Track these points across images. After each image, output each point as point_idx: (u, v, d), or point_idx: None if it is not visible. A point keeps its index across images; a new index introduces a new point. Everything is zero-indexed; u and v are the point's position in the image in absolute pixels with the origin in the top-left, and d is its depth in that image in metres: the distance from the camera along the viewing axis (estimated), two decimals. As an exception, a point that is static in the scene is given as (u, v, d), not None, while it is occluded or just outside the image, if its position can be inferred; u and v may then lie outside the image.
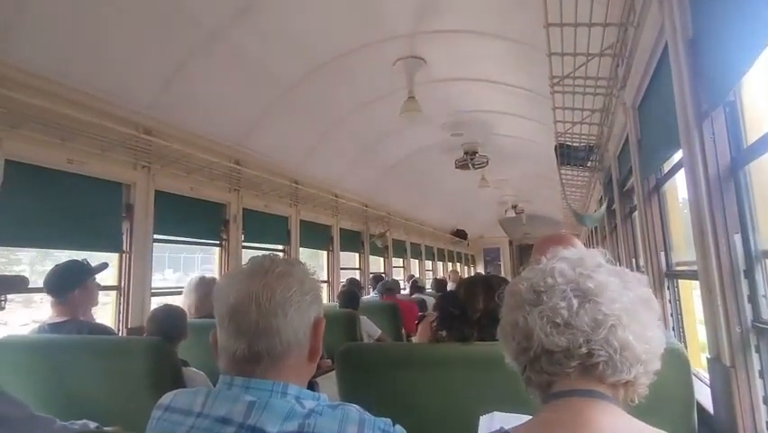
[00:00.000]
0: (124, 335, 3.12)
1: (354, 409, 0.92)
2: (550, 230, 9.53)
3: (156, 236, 3.52)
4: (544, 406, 0.83)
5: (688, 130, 1.59)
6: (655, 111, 2.31)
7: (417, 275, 8.64)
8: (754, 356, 1.35)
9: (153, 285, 3.46)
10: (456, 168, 7.32)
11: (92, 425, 1.79)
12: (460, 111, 5.63)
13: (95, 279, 2.41)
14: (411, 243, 9.35)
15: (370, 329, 4.01)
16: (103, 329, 2.35)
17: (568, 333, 0.79)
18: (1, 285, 1.52)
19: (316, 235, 5.80)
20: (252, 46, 3.51)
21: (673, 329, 2.57)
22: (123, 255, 3.28)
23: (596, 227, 6.66)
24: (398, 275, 8.50)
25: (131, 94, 3.25)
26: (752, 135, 1.40)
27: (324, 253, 6.10)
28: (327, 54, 3.94)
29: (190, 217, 3.92)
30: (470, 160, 7.10)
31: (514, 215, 12.68)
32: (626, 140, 3.08)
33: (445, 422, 1.62)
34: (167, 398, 0.99)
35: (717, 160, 1.48)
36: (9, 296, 1.87)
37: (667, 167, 2.48)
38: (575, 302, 0.80)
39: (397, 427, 0.96)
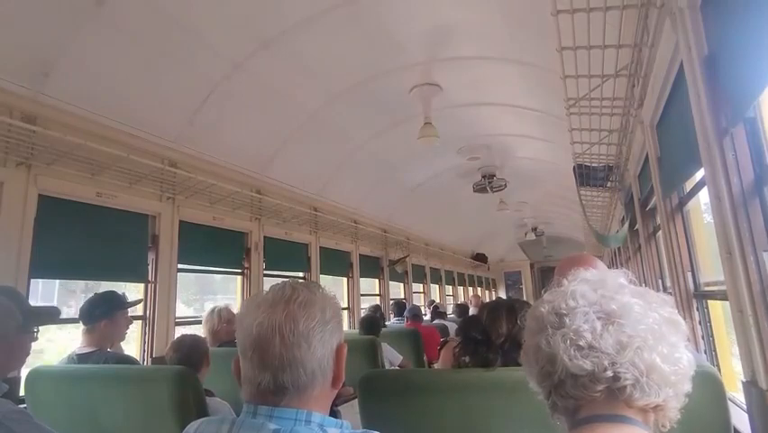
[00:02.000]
0: (149, 364, 3.16)
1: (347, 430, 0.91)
2: (571, 252, 9.37)
3: (180, 266, 3.58)
4: (570, 431, 0.81)
5: (708, 147, 1.58)
6: (674, 129, 2.29)
7: (438, 300, 8.55)
8: (792, 379, 1.30)
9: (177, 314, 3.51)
10: (474, 191, 7.32)
11: (118, 454, 1.80)
12: (476, 135, 5.67)
13: (126, 312, 2.46)
14: (431, 267, 9.29)
15: (391, 356, 3.97)
16: (127, 359, 2.39)
17: (592, 356, 0.78)
18: (34, 316, 1.57)
19: (336, 262, 5.82)
20: (273, 75, 3.63)
21: (705, 352, 2.48)
22: (149, 285, 3.34)
23: (619, 248, 6.53)
24: (418, 300, 8.42)
25: (157, 128, 3.38)
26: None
27: (345, 279, 6.10)
28: (345, 82, 4.05)
29: (213, 246, 3.99)
30: (487, 183, 7.10)
31: (534, 237, 12.52)
32: (646, 159, 3.05)
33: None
34: (192, 427, 0.99)
35: (741, 176, 1.46)
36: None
37: (689, 185, 2.44)
38: (599, 325, 0.79)
39: None
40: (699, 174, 2.09)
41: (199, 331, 3.10)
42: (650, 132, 2.76)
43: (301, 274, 5.07)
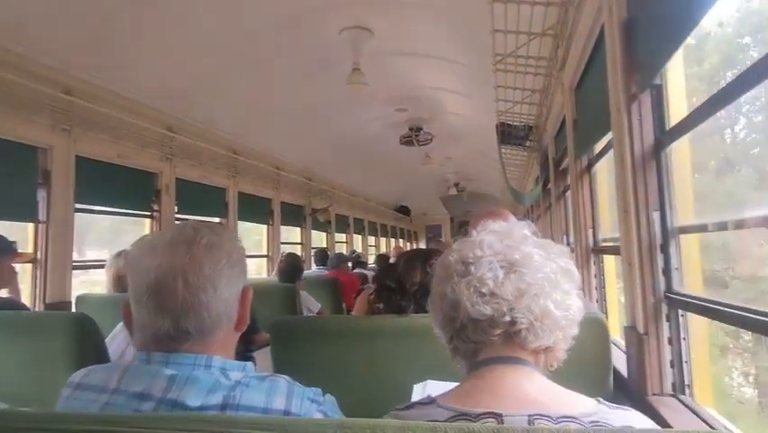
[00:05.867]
0: (41, 310, 2.90)
1: (283, 380, 0.90)
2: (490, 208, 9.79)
3: (78, 206, 3.25)
4: (469, 374, 0.85)
5: (618, 112, 1.65)
6: (591, 93, 2.39)
7: (360, 250, 8.67)
8: (665, 324, 1.46)
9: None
10: (401, 144, 7.33)
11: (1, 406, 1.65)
12: (406, 86, 5.60)
13: (10, 257, 2.21)
14: (354, 218, 9.33)
15: (310, 304, 3.98)
16: (11, 304, 2.16)
17: (493, 302, 0.80)
18: None
19: (256, 208, 5.63)
20: (187, 8, 3.26)
21: (597, 301, 2.74)
22: (40, 225, 3.01)
23: (532, 206, 6.95)
24: (341, 250, 8.48)
25: (50, 49, 2.94)
26: (674, 119, 1.48)
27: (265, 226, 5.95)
28: (269, 18, 3.75)
29: (118, 186, 3.66)
30: (414, 136, 7.12)
31: (456, 192, 12.95)
32: (563, 121, 3.19)
33: (380, 392, 1.64)
34: (77, 375, 0.92)
35: (643, 141, 1.56)
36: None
37: (598, 147, 2.59)
38: (501, 273, 0.82)
39: (328, 396, 0.94)
40: (608, 137, 2.21)
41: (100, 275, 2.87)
42: (569, 94, 2.87)
43: (217, 219, 4.85)
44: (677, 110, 1.49)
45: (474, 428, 0.60)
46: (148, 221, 3.99)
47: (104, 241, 4.75)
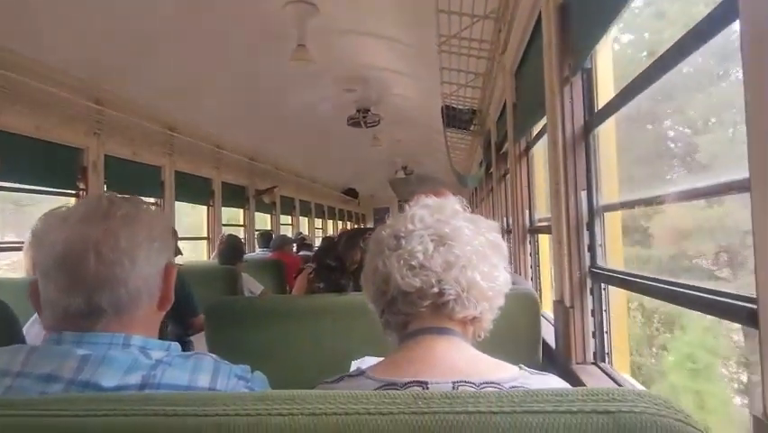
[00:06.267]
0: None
1: (209, 358, 0.86)
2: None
3: (-9, 183, 2.97)
4: (399, 346, 0.86)
5: (552, 95, 1.71)
6: (529, 76, 2.46)
7: (307, 233, 8.57)
8: (588, 297, 1.55)
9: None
10: (348, 125, 7.25)
11: None
12: (353, 65, 5.51)
13: None
14: (301, 200, 9.18)
15: (252, 286, 3.89)
16: None
17: (422, 274, 0.82)
18: None
19: (195, 188, 5.39)
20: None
21: (532, 279, 2.86)
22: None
23: (477, 190, 7.12)
24: (287, 233, 8.34)
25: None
26: (602, 102, 1.55)
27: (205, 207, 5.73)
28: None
29: (37, 162, 3.37)
30: (362, 117, 7.06)
31: (404, 175, 13.05)
32: (505, 104, 3.27)
33: (320, 370, 1.63)
34: None
35: (574, 123, 1.62)
36: None
37: (536, 131, 2.68)
38: (431, 246, 0.83)
39: (257, 373, 0.92)
40: (544, 120, 2.28)
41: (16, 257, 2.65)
42: (509, 78, 2.93)
43: (153, 200, 4.60)
44: (605, 93, 1.56)
45: (396, 396, 0.61)
46: (73, 200, 3.72)
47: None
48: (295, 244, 6.45)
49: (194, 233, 5.89)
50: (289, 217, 8.81)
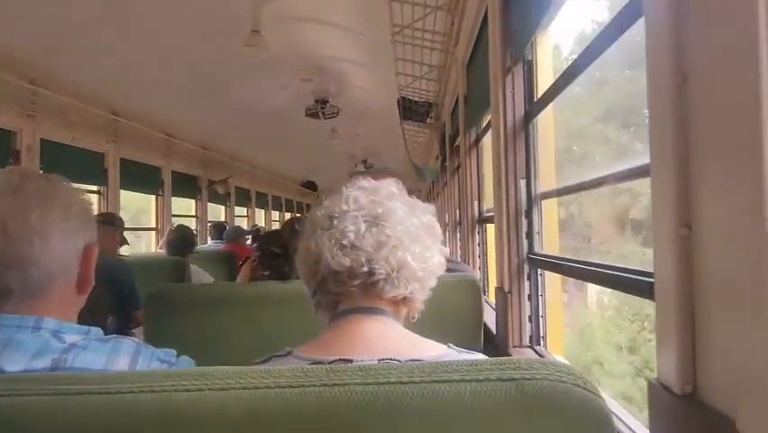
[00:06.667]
0: None
1: (129, 341, 0.83)
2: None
3: None
4: (329, 326, 0.85)
5: (495, 86, 1.74)
6: (479, 68, 2.49)
7: (263, 225, 8.43)
8: (525, 283, 1.60)
9: None
10: (306, 116, 7.14)
11: None
12: (310, 55, 5.43)
13: None
14: (257, 192, 9.00)
15: (201, 278, 3.78)
16: None
17: (353, 254, 0.81)
18: None
19: (143, 177, 5.18)
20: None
21: (480, 268, 2.93)
22: None
23: (434, 183, 7.20)
24: (242, 225, 8.16)
25: None
26: (541, 92, 1.59)
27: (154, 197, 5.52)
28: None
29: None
30: (320, 109, 6.97)
31: (364, 169, 13.01)
32: (458, 97, 3.31)
33: (260, 356, 1.61)
34: None
35: (515, 113, 1.66)
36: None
37: (485, 122, 2.73)
38: (363, 226, 0.83)
39: (184, 357, 0.89)
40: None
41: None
42: (461, 70, 2.97)
43: (95, 187, 4.39)
44: (545, 84, 1.60)
45: (309, 369, 0.60)
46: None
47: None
48: (250, 236, 6.32)
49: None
50: (245, 209, 8.62)
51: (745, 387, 0.50)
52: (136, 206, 6.30)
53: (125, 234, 3.49)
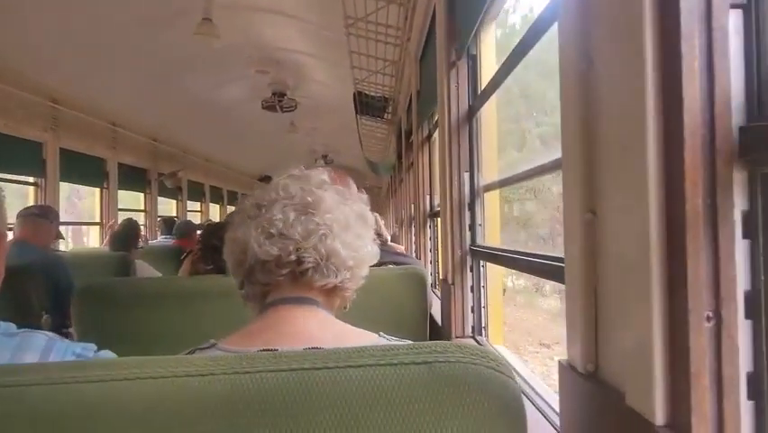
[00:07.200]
0: None
1: (41, 335, 0.78)
2: (356, 181, 9.92)
3: None
4: (256, 316, 0.84)
5: (441, 79, 1.76)
6: (430, 63, 2.51)
7: (217, 221, 8.20)
8: (468, 274, 1.63)
9: None
10: (263, 108, 6.99)
11: None
12: (266, 46, 5.30)
13: None
14: (211, 186, 8.75)
15: (147, 273, 3.64)
16: None
17: (280, 242, 0.80)
18: None
19: (86, 168, 4.92)
20: None
21: (432, 262, 2.96)
22: None
23: (392, 178, 7.22)
24: (195, 220, 7.92)
25: None
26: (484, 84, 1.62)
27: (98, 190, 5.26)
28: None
29: None
30: (277, 102, 6.84)
31: (324, 165, 12.88)
32: (412, 92, 3.33)
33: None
34: None
35: (459, 106, 1.69)
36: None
37: (437, 118, 2.75)
38: (292, 215, 0.82)
39: (104, 351, 0.85)
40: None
41: None
42: (414, 65, 2.98)
43: (32, 179, 4.14)
44: (488, 78, 1.63)
45: (222, 358, 0.59)
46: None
47: None
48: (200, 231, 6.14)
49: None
50: (199, 204, 8.37)
51: (632, 365, 0.53)
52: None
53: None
